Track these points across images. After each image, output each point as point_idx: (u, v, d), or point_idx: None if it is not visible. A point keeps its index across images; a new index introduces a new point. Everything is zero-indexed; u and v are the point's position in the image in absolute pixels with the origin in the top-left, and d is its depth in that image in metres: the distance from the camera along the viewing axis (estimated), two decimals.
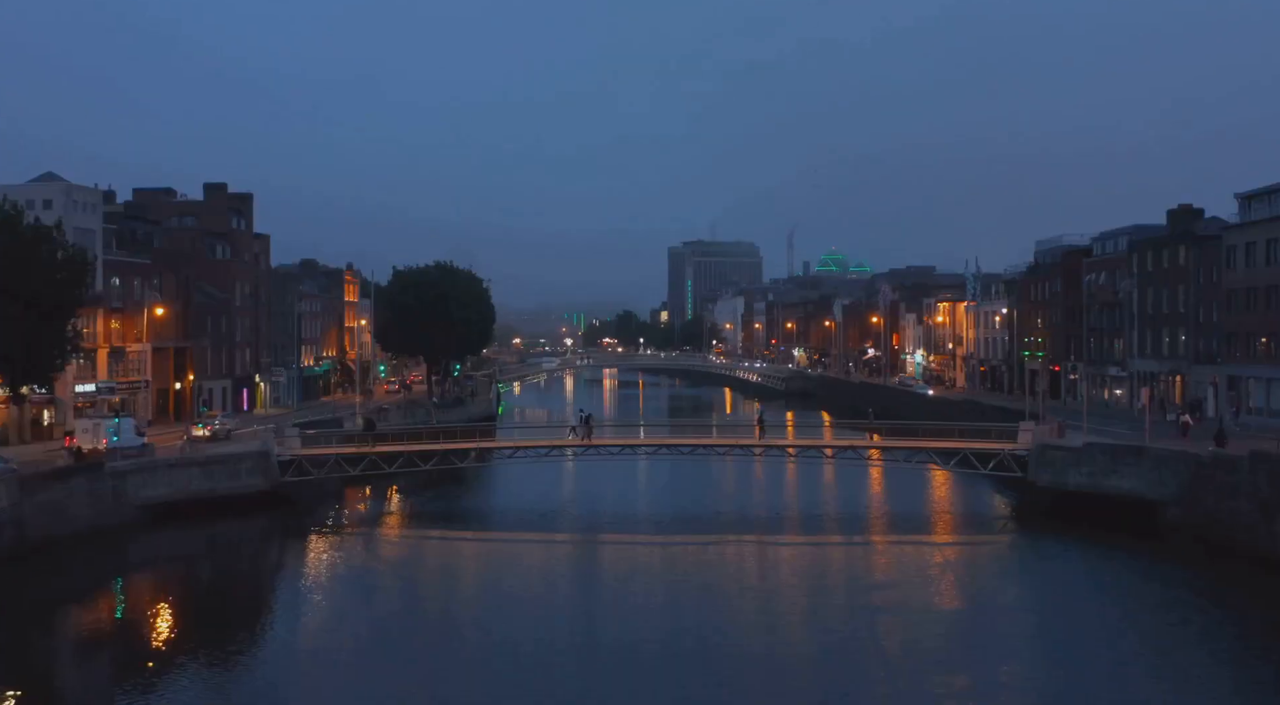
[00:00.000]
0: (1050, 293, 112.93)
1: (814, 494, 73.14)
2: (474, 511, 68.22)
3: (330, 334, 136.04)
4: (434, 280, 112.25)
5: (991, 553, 55.90)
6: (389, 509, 69.90)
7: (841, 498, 70.64)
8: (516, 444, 67.99)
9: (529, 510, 66.48)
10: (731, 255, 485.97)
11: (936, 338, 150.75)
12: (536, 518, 64.09)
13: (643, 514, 65.06)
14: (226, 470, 62.81)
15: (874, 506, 67.71)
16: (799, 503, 70.21)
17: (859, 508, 67.38)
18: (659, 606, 43.97)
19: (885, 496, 70.27)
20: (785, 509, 67.49)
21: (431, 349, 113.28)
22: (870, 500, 69.83)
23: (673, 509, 66.34)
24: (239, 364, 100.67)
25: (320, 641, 40.02)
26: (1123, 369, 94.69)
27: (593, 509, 66.30)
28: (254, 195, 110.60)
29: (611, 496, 70.65)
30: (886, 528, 61.37)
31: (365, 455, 64.90)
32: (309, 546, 58.23)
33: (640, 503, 69.15)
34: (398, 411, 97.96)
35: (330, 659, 37.62)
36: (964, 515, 65.89)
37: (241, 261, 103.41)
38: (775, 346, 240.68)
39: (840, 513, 65.76)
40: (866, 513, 65.92)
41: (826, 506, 68.34)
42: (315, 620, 43.35)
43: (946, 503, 69.38)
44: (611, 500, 69.43)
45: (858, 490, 72.51)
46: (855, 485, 73.78)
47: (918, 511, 65.97)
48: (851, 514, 65.37)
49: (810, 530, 60.92)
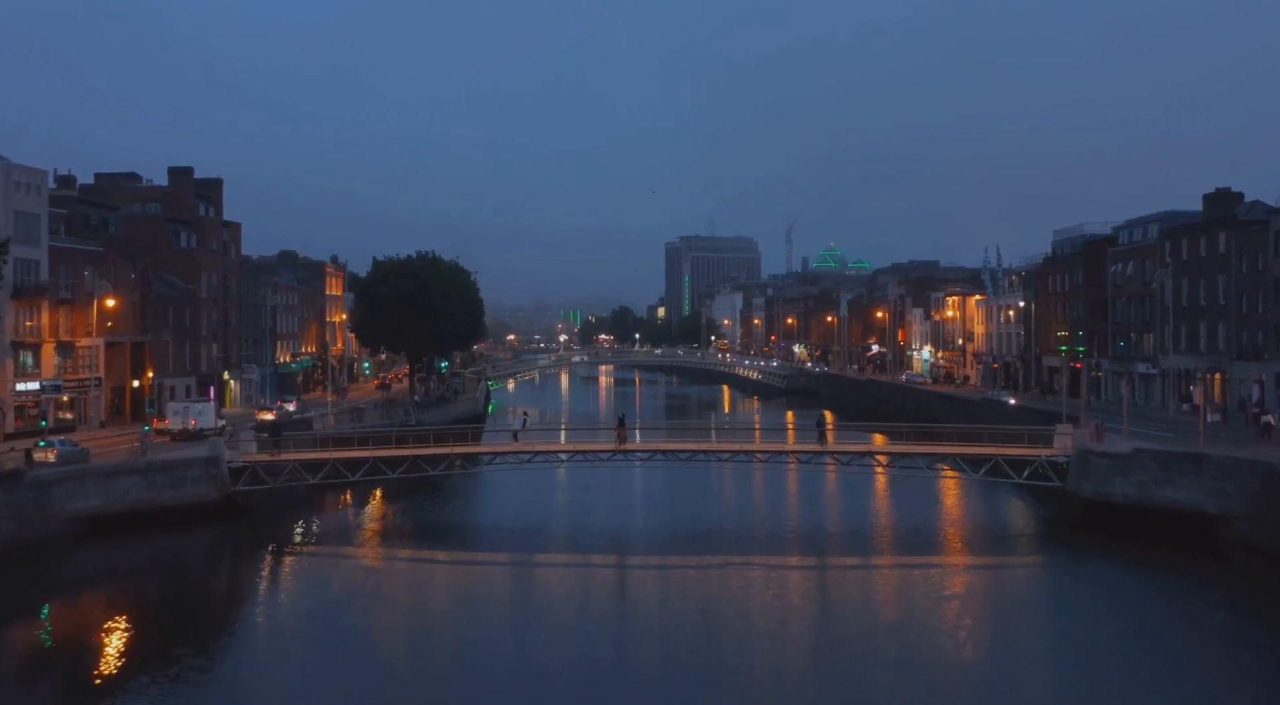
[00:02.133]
0: (1070, 285, 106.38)
1: (825, 506, 66.09)
2: (451, 526, 61.06)
3: (310, 329, 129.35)
4: (414, 271, 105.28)
5: (1028, 576, 49.08)
6: (358, 522, 63.10)
7: (857, 511, 63.72)
8: (494, 449, 60.72)
9: (512, 525, 59.74)
10: (729, 251, 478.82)
11: (945, 333, 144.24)
12: (520, 534, 57.21)
13: (638, 529, 58.24)
14: (170, 478, 56.17)
15: (894, 521, 60.49)
16: (809, 516, 63.09)
17: (877, 522, 60.36)
18: (654, 640, 37.62)
19: (906, 509, 63.25)
20: (794, 524, 60.29)
21: (412, 344, 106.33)
22: (889, 513, 62.62)
23: (671, 524, 59.35)
24: (205, 360, 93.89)
25: (268, 677, 34.35)
26: (1153, 366, 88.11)
27: (583, 523, 59.47)
28: (223, 181, 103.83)
29: (604, 508, 63.84)
30: (908, 546, 54.37)
31: (326, 461, 58.20)
32: (259, 566, 51.63)
33: (635, 516, 62.13)
34: (374, 411, 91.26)
35: (280, 698, 32.15)
36: (994, 531, 59.00)
37: (209, 250, 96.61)
38: (775, 343, 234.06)
39: (857, 528, 58.63)
40: (886, 528, 58.76)
41: (840, 521, 61.11)
42: (261, 653, 37.19)
43: (974, 516, 62.60)
44: (603, 512, 62.57)
45: (875, 502, 65.92)
46: (871, 496, 67.29)
47: (942, 527, 59.35)
48: (869, 530, 58.41)
49: (823, 550, 53.93)
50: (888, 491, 67.47)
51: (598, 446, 60.28)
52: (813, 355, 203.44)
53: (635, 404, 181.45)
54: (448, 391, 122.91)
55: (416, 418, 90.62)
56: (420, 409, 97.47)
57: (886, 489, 67.82)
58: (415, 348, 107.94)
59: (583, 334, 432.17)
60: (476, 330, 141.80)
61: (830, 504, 66.00)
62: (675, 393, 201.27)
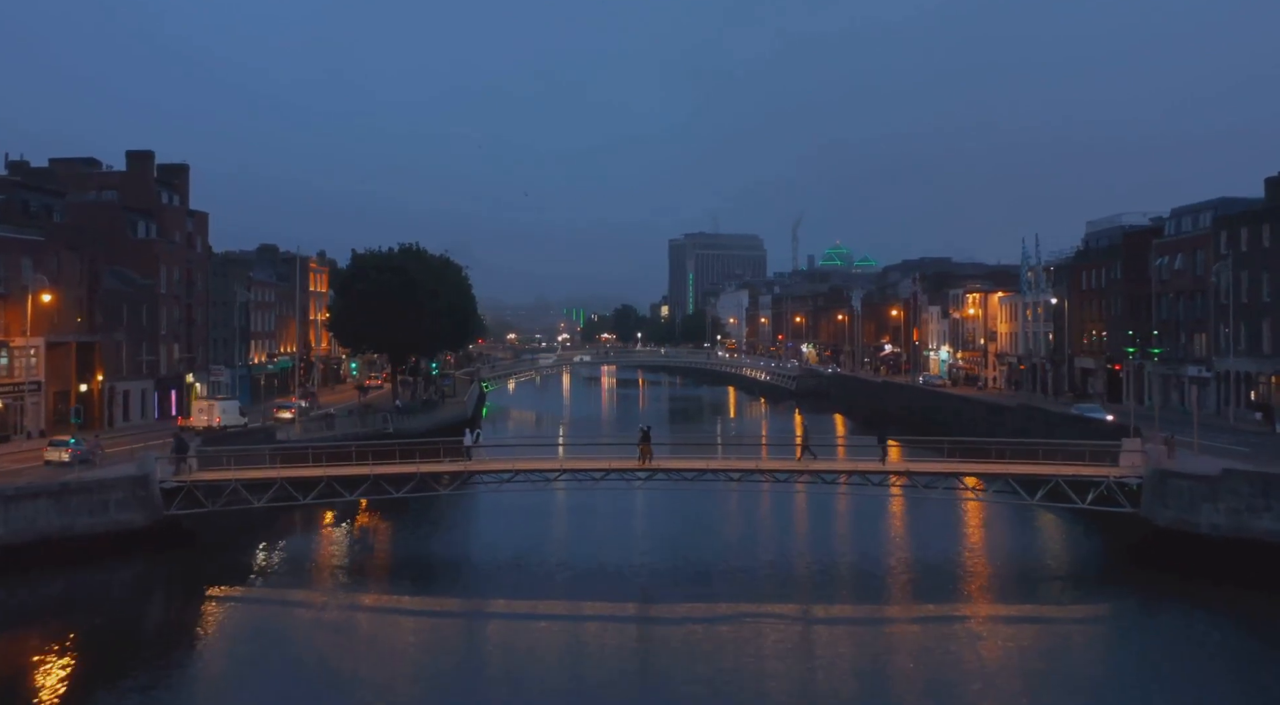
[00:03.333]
0: (1107, 280, 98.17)
1: (854, 537, 56.33)
2: (423, 559, 51.86)
3: (289, 327, 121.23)
4: (396, 264, 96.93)
5: (1095, 633, 40.00)
6: (316, 553, 54.43)
7: (889, 542, 54.86)
8: (469, 467, 51.96)
9: (493, 559, 50.99)
10: (734, 248, 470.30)
11: (965, 333, 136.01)
12: (501, 571, 48.35)
13: (638, 565, 49.06)
14: (88, 502, 48.03)
15: (934, 555, 50.87)
16: (835, 551, 53.48)
17: (914, 558, 50.70)
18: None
19: (946, 540, 54.31)
20: (820, 560, 50.83)
21: (394, 343, 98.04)
22: (926, 546, 52.77)
23: (676, 559, 50.16)
24: (164, 362, 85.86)
25: None
26: (1206, 368, 79.79)
27: (575, 558, 50.47)
28: (189, 167, 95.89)
29: (599, 536, 54.96)
30: (950, 589, 45.16)
31: (274, 481, 50.00)
32: (188, 608, 43.51)
33: (635, 547, 52.84)
34: (349, 418, 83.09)
35: None
36: (1050, 568, 49.96)
37: (170, 242, 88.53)
38: (782, 342, 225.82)
39: (892, 565, 49.32)
40: (925, 566, 49.13)
41: (870, 555, 51.48)
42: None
43: (1024, 549, 53.55)
44: (597, 542, 53.57)
45: (907, 531, 56.84)
46: (903, 524, 58.59)
47: (991, 562, 50.17)
48: (906, 567, 49.18)
49: (852, 594, 44.89)
50: (918, 518, 58.64)
51: (612, 464, 51.16)
52: (822, 355, 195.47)
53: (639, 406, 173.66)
54: (435, 395, 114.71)
55: (395, 425, 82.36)
56: (401, 415, 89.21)
57: (918, 515, 59.03)
58: (397, 347, 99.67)
59: (585, 333, 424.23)
60: (468, 328, 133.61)
61: (857, 534, 56.72)
62: (680, 395, 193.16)
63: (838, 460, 55.86)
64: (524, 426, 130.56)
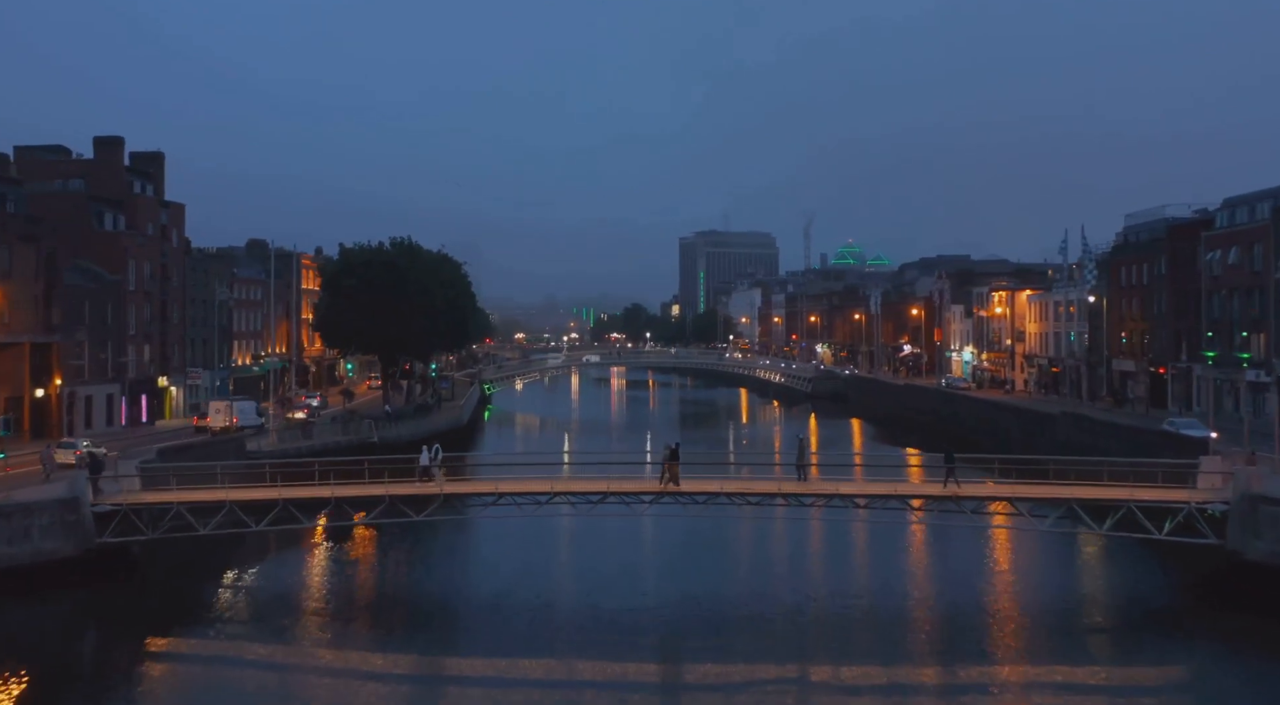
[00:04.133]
0: (1150, 275, 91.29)
1: (883, 573, 47.82)
2: (398, 601, 44.31)
3: (279, 327, 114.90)
4: (387, 260, 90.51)
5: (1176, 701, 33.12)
6: (273, 589, 46.87)
7: (922, 581, 47.21)
8: (444, 489, 44.70)
9: (478, 601, 43.62)
10: (746, 246, 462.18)
11: (990, 332, 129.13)
12: (486, 618, 41.03)
13: (641, 611, 41.71)
14: (6, 529, 41.60)
15: (974, 600, 43.21)
16: (864, 591, 45.22)
17: (951, 602, 42.89)
18: None
19: (987, 578, 46.94)
20: (849, 604, 42.96)
21: (384, 344, 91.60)
22: (967, 587, 44.92)
23: (686, 603, 42.59)
24: (133, 364, 79.57)
25: None
26: (1266, 372, 72.89)
27: (568, 600, 43.63)
28: (164, 155, 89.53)
29: (597, 572, 47.44)
30: (1000, 644, 37.78)
31: (222, 504, 43.51)
32: (111, 660, 37.11)
33: (639, 587, 45.23)
34: (331, 426, 76.74)
35: None
36: (1118, 614, 42.00)
37: (140, 235, 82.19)
38: (796, 342, 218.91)
39: (928, 613, 41.68)
40: (966, 613, 41.55)
41: (904, 599, 43.52)
42: None
43: (1087, 591, 45.55)
44: (595, 580, 46.07)
45: (941, 568, 48.98)
46: (933, 557, 51.31)
47: (1042, 607, 42.58)
48: (942, 614, 41.59)
49: (886, 649, 36.85)
50: (953, 550, 51.12)
51: (611, 486, 43.80)
52: (837, 356, 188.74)
53: (649, 408, 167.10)
54: (431, 398, 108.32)
55: (380, 434, 76.00)
56: (391, 422, 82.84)
57: (951, 546, 51.58)
58: (387, 348, 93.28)
59: (595, 332, 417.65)
60: (468, 328, 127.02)
61: (887, 569, 48.79)
62: (690, 397, 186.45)
63: (880, 483, 48.44)
64: (528, 432, 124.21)
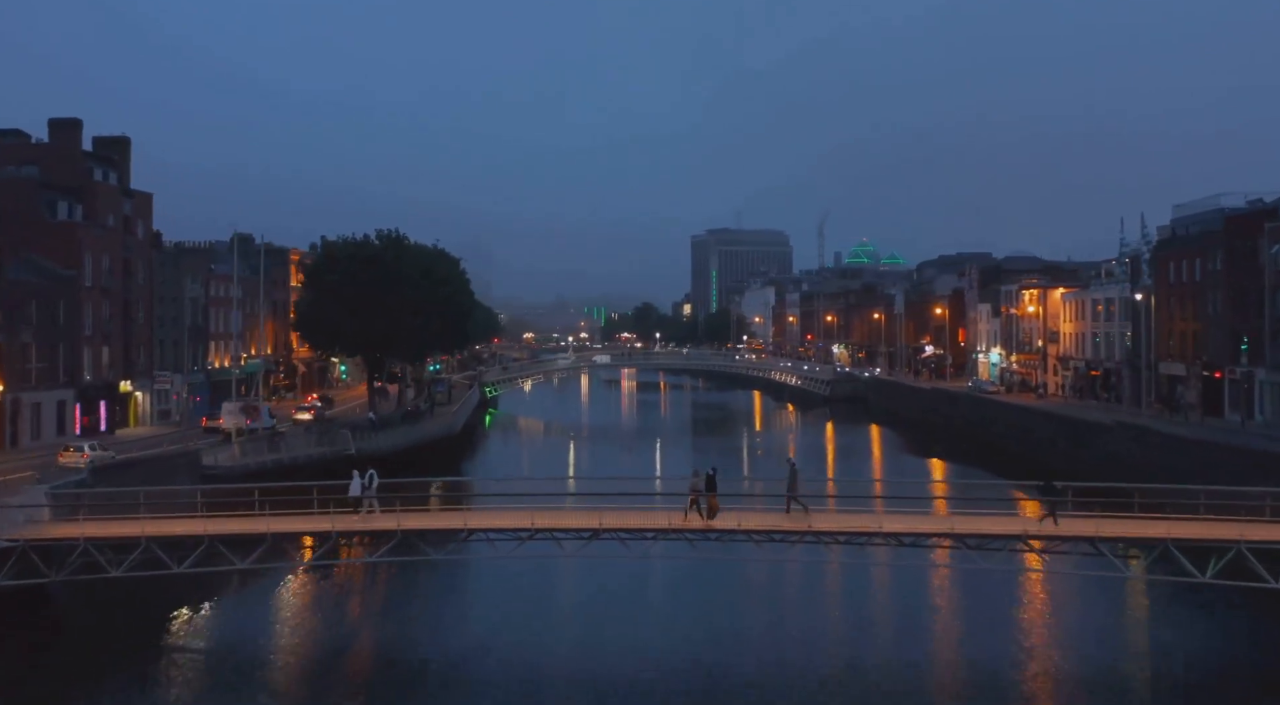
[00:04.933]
0: (1204, 271, 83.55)
1: (927, 630, 39.83)
2: (351, 660, 36.58)
3: (265, 327, 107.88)
4: (372, 254, 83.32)
5: None
6: (195, 644, 39.02)
7: (975, 643, 38.39)
8: (401, 524, 35.29)
9: (445, 662, 36.05)
10: (759, 244, 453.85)
11: (1020, 333, 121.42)
12: (451, 686, 33.73)
13: (640, 682, 33.65)
14: None
15: (1041, 666, 35.47)
16: (905, 654, 36.67)
17: (1023, 668, 34.97)
18: None
19: (1060, 634, 39.17)
20: (891, 672, 34.57)
21: (368, 343, 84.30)
22: (1025, 642, 37.58)
23: (691, 670, 34.40)
24: (90, 367, 72.51)
25: None
26: None
27: (552, 664, 35.71)
28: (130, 140, 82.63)
29: (586, 625, 39.81)
30: None
31: (138, 540, 36.16)
32: None
33: (636, 648, 36.94)
34: (304, 437, 69.53)
35: None
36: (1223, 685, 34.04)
37: (98, 226, 75.13)
38: (811, 342, 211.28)
39: (990, 681, 33.94)
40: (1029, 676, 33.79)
41: (954, 665, 35.66)
42: None
43: (1213, 664, 36.92)
44: (584, 636, 38.43)
45: (996, 622, 40.20)
46: (985, 608, 42.04)
47: (1122, 672, 34.77)
48: (1006, 684, 33.76)
49: None
50: (1002, 596, 42.51)
51: (604, 521, 35.05)
52: (855, 357, 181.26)
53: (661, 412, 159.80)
54: (425, 403, 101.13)
55: (359, 445, 68.80)
56: (373, 430, 75.64)
57: (1000, 592, 42.83)
58: (372, 348, 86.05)
59: (605, 332, 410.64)
60: (467, 327, 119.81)
61: (928, 624, 40.91)
62: (702, 401, 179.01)
63: (928, 517, 40.33)
64: (530, 439, 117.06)
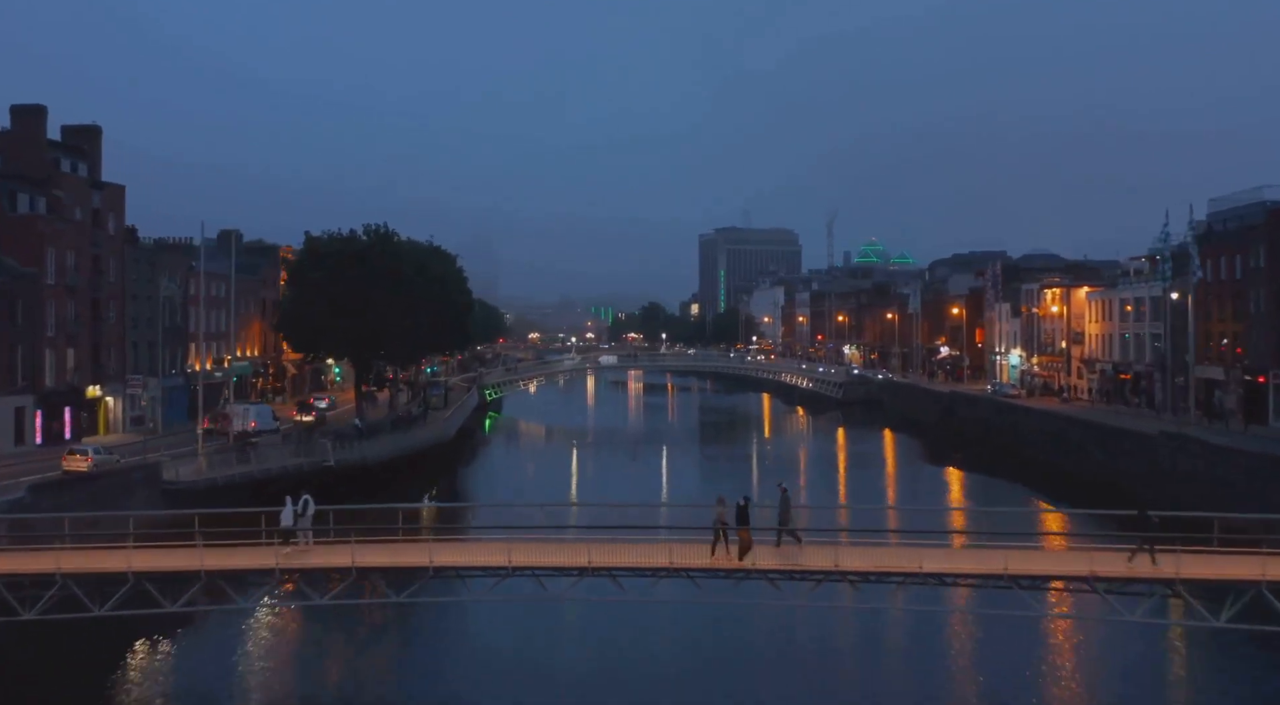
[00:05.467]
0: (1245, 269, 78.29)
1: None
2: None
3: (252, 327, 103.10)
4: (359, 250, 78.45)
5: None
6: (131, 689, 33.70)
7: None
8: (355, 562, 29.48)
9: None
10: (767, 243, 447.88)
11: (1041, 334, 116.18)
12: None
13: None
14: None
15: None
16: None
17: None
18: None
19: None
20: None
21: (355, 344, 79.37)
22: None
23: None
24: (53, 370, 67.72)
25: None
26: None
27: None
28: (101, 129, 77.79)
29: (575, 681, 34.29)
30: None
31: (52, 577, 31.16)
32: None
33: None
34: (280, 447, 64.57)
35: None
36: None
37: (62, 221, 70.32)
38: (822, 343, 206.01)
39: None
40: None
41: None
42: None
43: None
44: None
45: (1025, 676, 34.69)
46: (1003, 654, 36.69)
47: None
48: None
49: None
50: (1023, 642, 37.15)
51: (593, 559, 29.68)
52: (867, 358, 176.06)
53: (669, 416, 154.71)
54: (419, 407, 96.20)
55: (340, 455, 63.87)
56: (358, 438, 70.70)
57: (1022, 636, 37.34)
58: (360, 349, 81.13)
59: (612, 332, 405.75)
60: (466, 328, 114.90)
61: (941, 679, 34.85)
62: (710, 404, 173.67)
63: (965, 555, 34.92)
64: (531, 446, 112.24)
